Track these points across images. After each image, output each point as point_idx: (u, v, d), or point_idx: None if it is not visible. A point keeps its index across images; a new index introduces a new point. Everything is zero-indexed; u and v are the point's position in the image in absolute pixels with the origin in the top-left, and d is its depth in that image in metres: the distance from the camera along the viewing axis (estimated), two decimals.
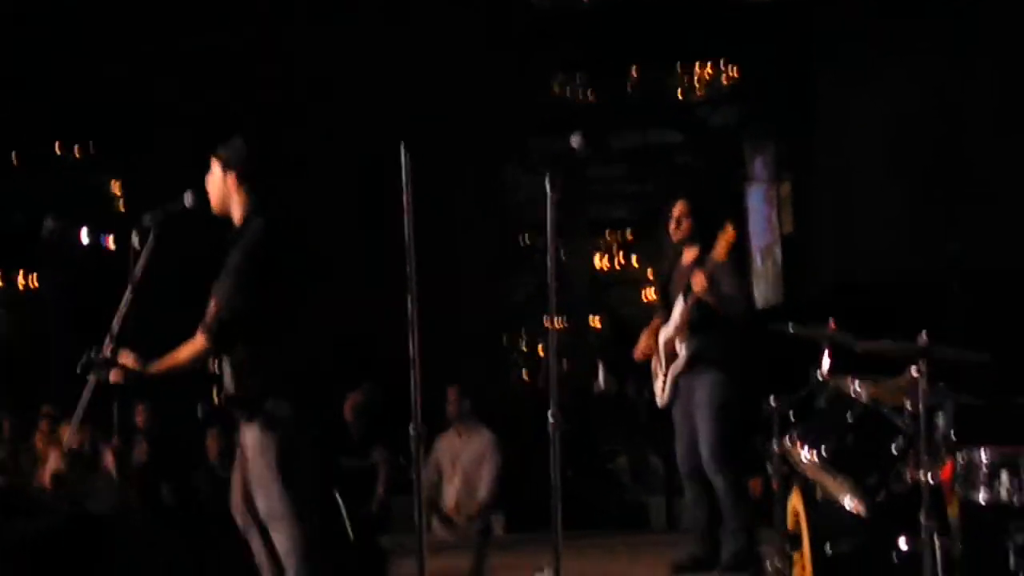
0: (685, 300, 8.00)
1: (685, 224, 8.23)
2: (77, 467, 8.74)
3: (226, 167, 6.28)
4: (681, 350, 8.06)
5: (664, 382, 8.21)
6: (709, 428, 7.80)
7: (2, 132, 14.93)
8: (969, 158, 12.61)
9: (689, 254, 8.20)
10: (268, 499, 6.16)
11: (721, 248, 7.76)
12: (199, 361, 6.13)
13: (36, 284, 17.13)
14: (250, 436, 6.15)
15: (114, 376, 5.96)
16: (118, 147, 15.93)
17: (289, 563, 6.22)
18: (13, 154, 15.85)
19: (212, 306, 6.07)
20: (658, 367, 8.30)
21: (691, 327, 7.95)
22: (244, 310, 6.04)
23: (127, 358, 5.99)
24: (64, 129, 16.04)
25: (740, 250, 8.38)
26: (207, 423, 10.85)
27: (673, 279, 8.30)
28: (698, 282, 7.82)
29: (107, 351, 5.93)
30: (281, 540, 6.22)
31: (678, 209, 8.27)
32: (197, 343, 6.04)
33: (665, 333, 8.21)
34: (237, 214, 6.31)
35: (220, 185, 6.28)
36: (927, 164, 13.23)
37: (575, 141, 5.61)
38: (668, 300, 8.25)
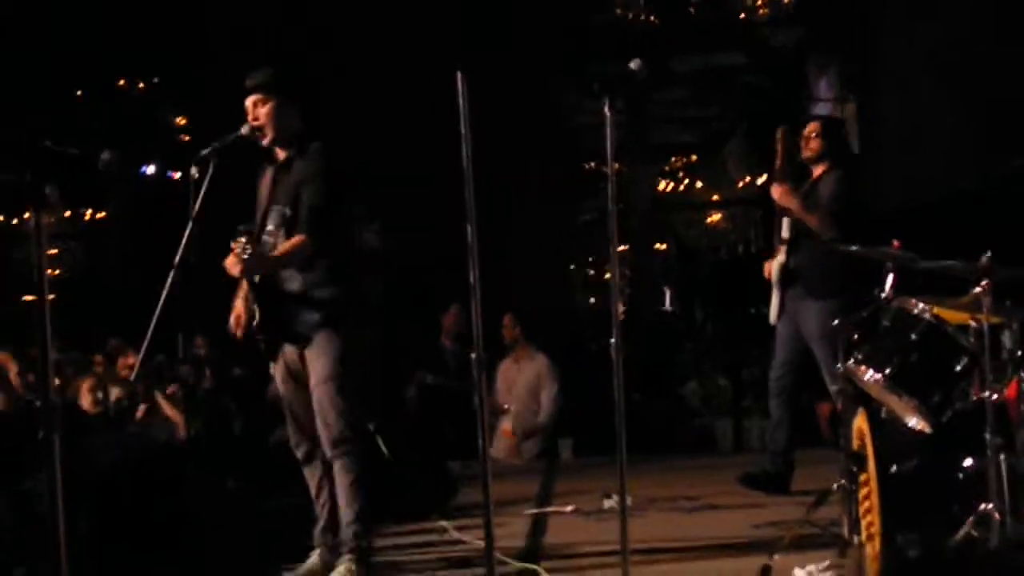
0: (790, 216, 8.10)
1: (814, 143, 8.26)
2: (141, 398, 8.83)
3: (272, 93, 6.34)
4: (788, 264, 8.16)
5: (775, 297, 8.32)
6: (825, 355, 7.81)
7: (67, 68, 15.03)
8: None
9: (817, 169, 8.26)
10: (332, 425, 6.25)
11: (779, 154, 7.83)
12: (301, 257, 6.24)
13: (102, 217, 17.32)
14: (313, 356, 6.26)
15: (235, 265, 6.09)
16: (181, 81, 15.99)
17: (343, 487, 6.31)
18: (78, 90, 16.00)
19: (307, 206, 6.18)
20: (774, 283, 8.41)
21: (790, 243, 7.99)
22: (333, 209, 6.17)
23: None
24: (128, 64, 16.12)
25: (803, 170, 8.39)
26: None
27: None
28: (776, 194, 7.93)
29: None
30: (339, 465, 6.31)
31: (810, 128, 8.28)
32: (299, 239, 6.17)
33: (781, 255, 8.30)
34: (292, 141, 6.38)
35: (269, 112, 6.34)
36: (991, 82, 13.05)
37: (634, 65, 5.59)
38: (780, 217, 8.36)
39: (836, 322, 6.44)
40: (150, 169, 14.40)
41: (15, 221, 17.51)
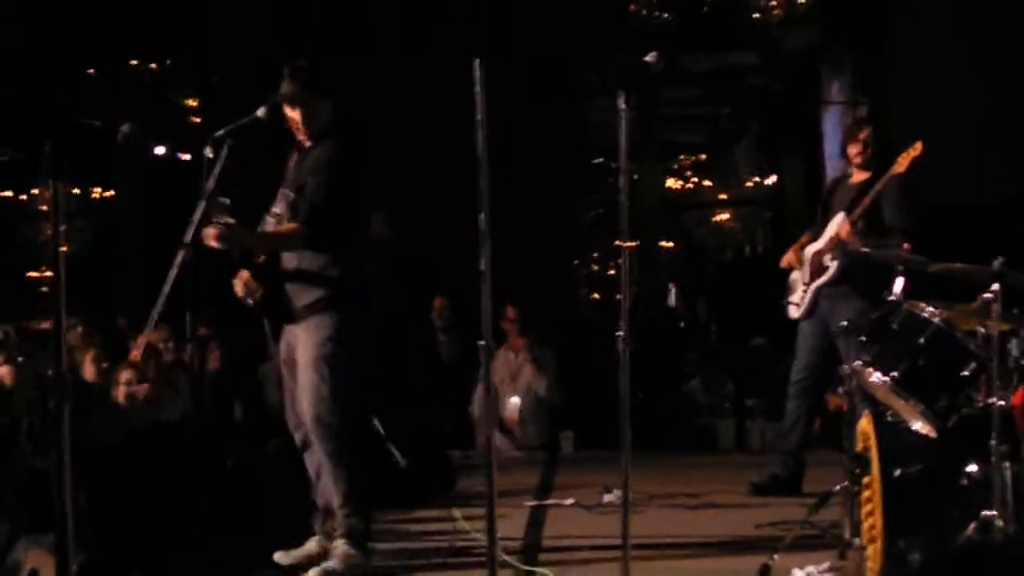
0: (848, 214, 8.04)
1: (870, 150, 8.26)
2: (150, 376, 8.82)
3: (301, 101, 6.37)
4: (830, 264, 8.11)
5: (803, 294, 8.28)
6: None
7: (79, 48, 15.02)
8: None
9: (859, 175, 8.26)
10: (315, 407, 6.26)
11: (905, 161, 7.78)
12: (292, 244, 6.31)
13: (111, 196, 17.31)
14: (303, 337, 6.28)
15: (215, 236, 6.05)
16: (194, 63, 15.98)
17: (328, 471, 6.33)
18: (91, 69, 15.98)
19: (307, 197, 6.21)
20: (798, 279, 8.37)
21: (845, 243, 7.99)
22: (334, 204, 6.19)
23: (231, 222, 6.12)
24: (140, 45, 16.10)
25: (814, 172, 8.43)
26: None
27: (835, 196, 8.36)
28: (844, 231, 7.89)
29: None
30: (324, 452, 6.32)
31: (865, 134, 8.30)
32: (293, 226, 6.21)
33: (816, 246, 8.27)
34: (312, 131, 6.41)
35: (303, 117, 6.38)
36: (1006, 88, 13.03)
37: (651, 58, 5.58)
38: (826, 215, 8.30)
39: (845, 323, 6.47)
40: (160, 150, 14.42)
41: (23, 197, 17.55)
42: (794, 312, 8.39)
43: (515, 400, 11.47)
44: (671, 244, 22.16)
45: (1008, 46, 13.03)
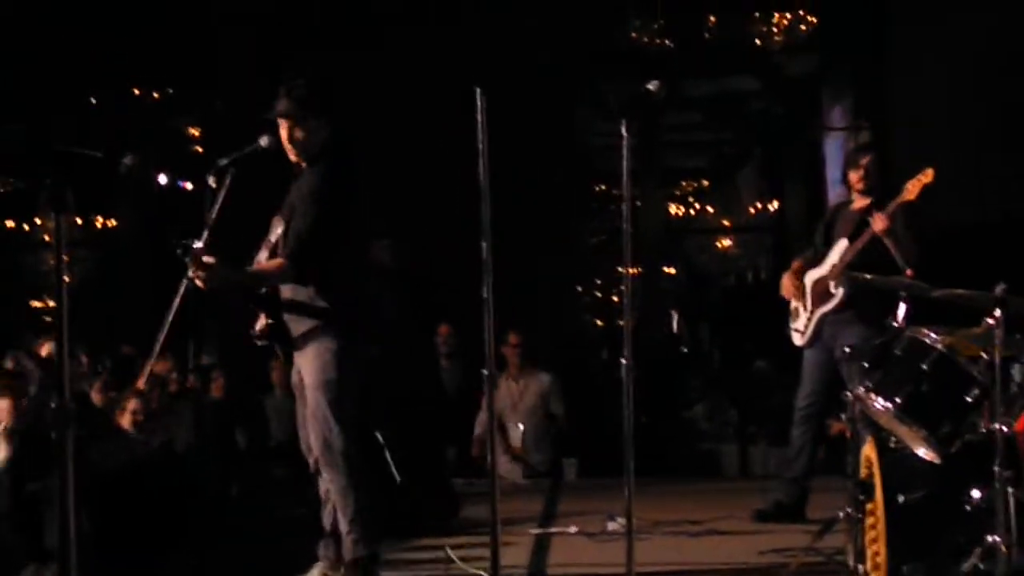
0: (852, 241, 8.01)
1: (872, 177, 8.24)
2: (154, 405, 8.84)
3: (299, 119, 6.38)
4: (835, 291, 8.09)
5: (807, 322, 8.25)
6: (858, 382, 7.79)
7: (81, 74, 15.06)
8: None
9: (861, 201, 8.23)
10: (321, 432, 6.28)
11: (915, 188, 7.73)
12: (279, 280, 6.30)
13: (114, 225, 17.34)
14: (304, 364, 6.30)
15: (200, 273, 6.05)
16: (196, 91, 16.02)
17: (336, 496, 6.33)
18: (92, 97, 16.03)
19: (292, 229, 6.21)
20: (800, 307, 8.33)
21: (851, 269, 7.94)
22: (322, 235, 6.19)
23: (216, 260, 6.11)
24: (143, 73, 16.15)
25: (816, 198, 8.42)
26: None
27: (838, 222, 8.33)
28: (880, 219, 7.82)
29: (204, 243, 6.06)
30: (331, 477, 6.33)
31: (867, 159, 8.27)
32: (279, 262, 6.20)
33: (818, 272, 8.24)
34: (304, 152, 6.42)
35: (299, 137, 6.39)
36: (1008, 113, 13.06)
37: (653, 86, 5.60)
38: (828, 241, 8.27)
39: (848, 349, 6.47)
40: (162, 178, 14.43)
41: (26, 227, 17.56)
42: (798, 339, 8.37)
43: (520, 427, 11.45)
44: (673, 270, 22.19)
45: (1007, 70, 13.05)
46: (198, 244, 6.04)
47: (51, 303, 16.41)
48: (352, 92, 12.55)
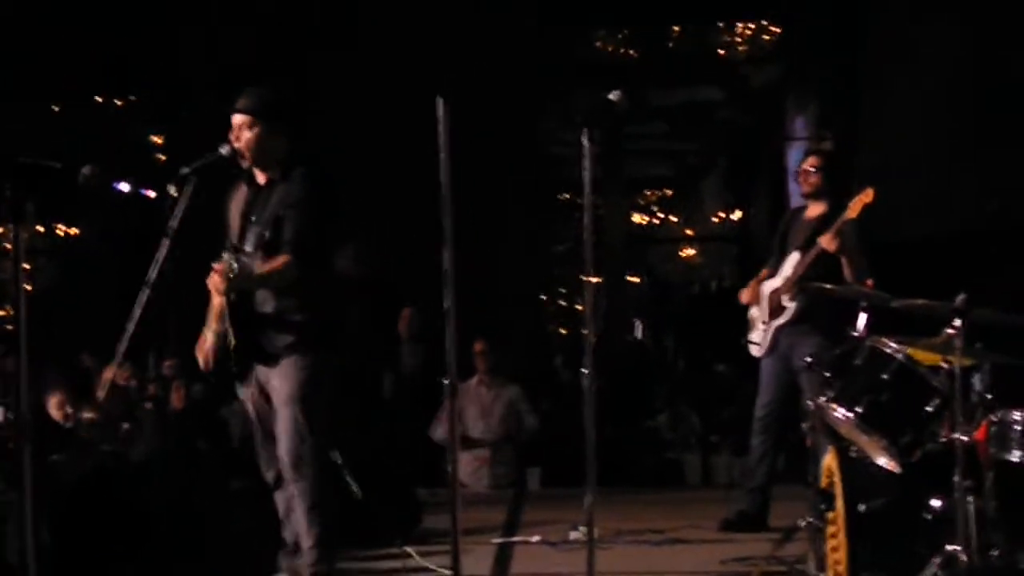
0: (803, 254, 8.01)
1: (814, 178, 8.21)
2: (115, 415, 8.79)
3: (261, 119, 6.35)
4: (789, 304, 8.09)
5: (763, 333, 8.25)
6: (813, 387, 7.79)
7: (43, 82, 14.98)
8: (1014, 118, 12.50)
9: (814, 209, 8.21)
10: (293, 446, 6.26)
11: (856, 207, 7.71)
12: (286, 278, 6.27)
13: (76, 233, 17.23)
14: (279, 377, 6.28)
15: (222, 282, 6.09)
16: (159, 99, 15.95)
17: (301, 512, 6.32)
18: (54, 105, 15.94)
19: (292, 228, 6.19)
20: (757, 316, 8.34)
21: (803, 282, 7.93)
22: (316, 234, 6.20)
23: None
24: (105, 80, 16.07)
25: (780, 208, 8.40)
26: None
27: (792, 231, 8.33)
28: (828, 239, 7.80)
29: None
30: (299, 490, 6.31)
31: (809, 162, 8.26)
32: (284, 258, 6.18)
33: (772, 284, 8.24)
34: (274, 164, 6.39)
35: (255, 138, 6.35)
36: (970, 123, 13.12)
37: (615, 96, 5.61)
38: (783, 251, 8.26)
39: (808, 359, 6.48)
40: (124, 186, 14.33)
41: None
42: (755, 351, 8.39)
43: (485, 435, 11.43)
44: (637, 279, 22.22)
45: (976, 80, 13.12)
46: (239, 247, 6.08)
47: (10, 311, 16.32)
48: (317, 98, 12.57)
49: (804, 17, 16.78)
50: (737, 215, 21.03)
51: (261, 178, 6.46)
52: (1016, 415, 5.30)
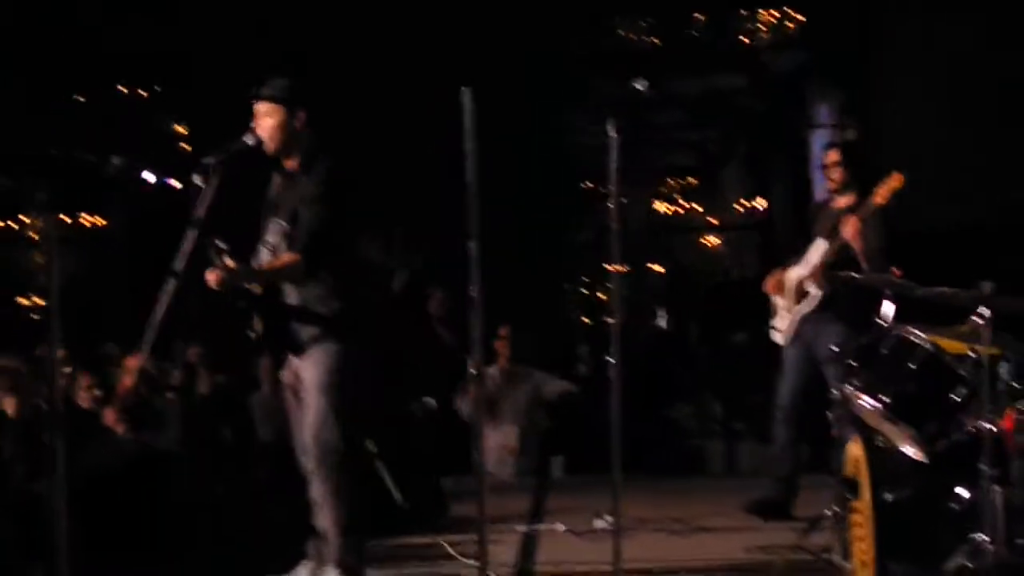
0: (830, 242, 8.01)
1: (837, 173, 8.22)
2: (141, 404, 8.82)
3: (283, 107, 6.36)
4: (814, 291, 8.08)
5: (788, 320, 8.25)
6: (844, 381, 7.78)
7: (68, 72, 15.02)
8: None
9: (843, 200, 8.21)
10: (320, 434, 6.28)
11: (884, 193, 7.70)
12: (292, 275, 6.29)
13: (102, 223, 17.28)
14: (309, 367, 6.29)
15: (221, 275, 6.07)
16: (183, 89, 15.97)
17: (328, 500, 6.33)
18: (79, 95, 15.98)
19: (303, 226, 6.21)
20: (782, 304, 8.34)
21: (829, 269, 7.92)
22: (331, 234, 6.20)
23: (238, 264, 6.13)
24: (129, 71, 16.10)
25: (802, 196, 8.40)
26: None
27: (819, 219, 8.33)
28: (849, 226, 7.80)
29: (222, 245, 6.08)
30: (323, 478, 6.33)
31: (830, 158, 8.27)
32: (291, 257, 6.20)
33: (798, 271, 8.24)
34: (297, 154, 6.40)
35: (278, 126, 6.36)
36: (993, 112, 13.08)
37: (640, 84, 5.61)
38: (809, 239, 8.27)
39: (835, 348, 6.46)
40: (148, 177, 14.36)
41: (10, 223, 17.48)
42: (778, 338, 8.39)
43: (512, 427, 11.43)
44: (660, 268, 22.17)
45: (998, 67, 13.07)
46: (223, 246, 6.08)
47: (37, 301, 16.40)
48: (339, 90, 12.57)
49: (827, 4, 16.72)
50: (760, 203, 20.96)
51: (288, 166, 6.48)
52: None
